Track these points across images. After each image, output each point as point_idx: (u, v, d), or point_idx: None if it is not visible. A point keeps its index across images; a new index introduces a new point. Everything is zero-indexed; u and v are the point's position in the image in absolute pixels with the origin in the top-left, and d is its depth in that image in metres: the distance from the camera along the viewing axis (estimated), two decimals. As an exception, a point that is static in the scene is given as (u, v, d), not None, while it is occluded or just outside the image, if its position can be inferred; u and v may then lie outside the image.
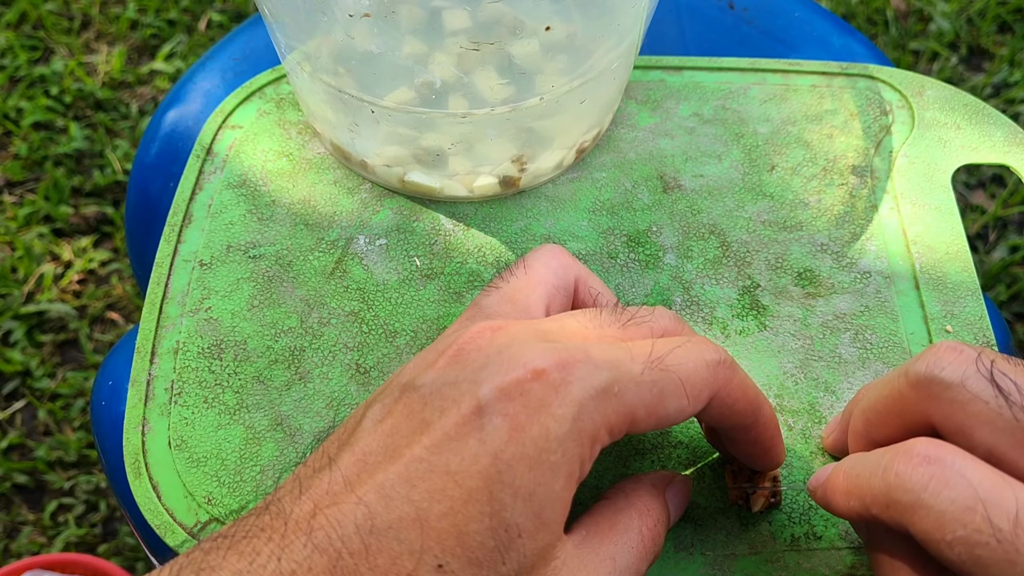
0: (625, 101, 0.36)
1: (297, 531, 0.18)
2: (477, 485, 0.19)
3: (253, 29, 0.42)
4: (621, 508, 0.23)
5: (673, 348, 0.21)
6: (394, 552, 0.18)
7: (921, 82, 0.37)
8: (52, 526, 0.72)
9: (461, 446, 0.19)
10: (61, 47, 1.00)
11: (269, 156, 0.35)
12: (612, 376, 0.20)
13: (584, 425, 0.19)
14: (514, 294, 0.24)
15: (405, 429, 0.20)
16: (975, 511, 0.17)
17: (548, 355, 0.20)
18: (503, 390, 0.19)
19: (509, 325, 0.21)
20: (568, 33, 0.29)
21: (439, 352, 0.21)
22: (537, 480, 0.19)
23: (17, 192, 0.90)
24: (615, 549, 0.22)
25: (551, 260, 0.25)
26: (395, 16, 0.27)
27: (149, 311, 0.31)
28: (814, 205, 0.34)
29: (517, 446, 0.19)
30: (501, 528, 0.19)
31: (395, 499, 0.19)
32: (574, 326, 0.22)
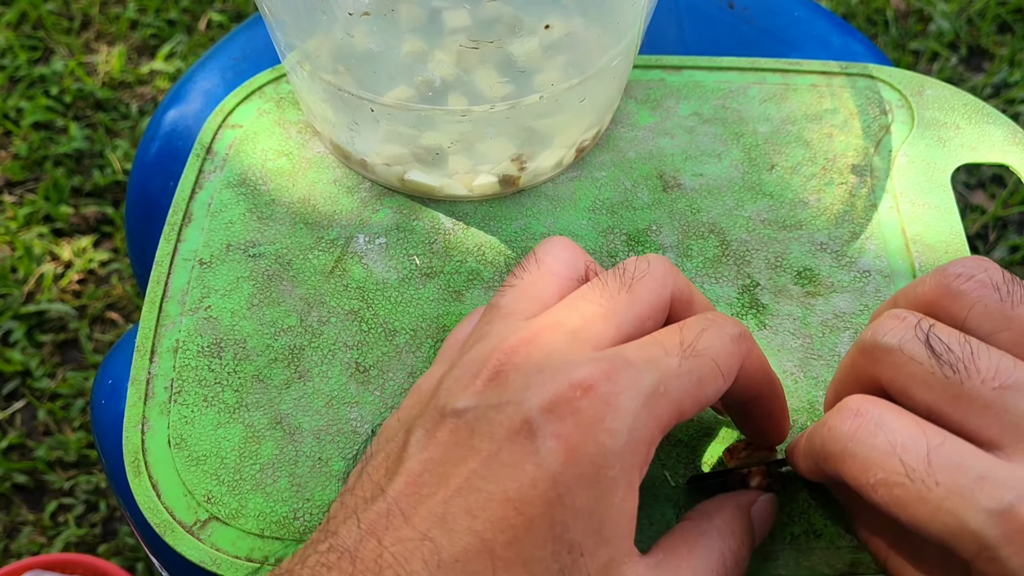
0: (625, 100, 0.37)
1: (364, 570, 0.18)
2: (539, 511, 0.19)
3: (253, 28, 0.42)
4: (703, 530, 0.22)
5: (700, 331, 0.21)
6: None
7: (921, 82, 0.37)
8: (52, 526, 0.72)
9: (517, 472, 0.19)
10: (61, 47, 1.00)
11: (269, 155, 0.35)
12: (656, 377, 0.20)
13: (640, 434, 0.20)
14: (529, 289, 0.24)
15: (455, 458, 0.20)
16: (892, 455, 0.19)
17: (591, 368, 0.20)
18: (553, 411, 0.19)
19: (539, 335, 0.21)
20: (568, 32, 0.29)
21: (474, 372, 0.21)
22: (597, 497, 0.19)
23: (17, 192, 0.90)
24: (696, 571, 0.21)
25: (561, 252, 0.24)
26: (395, 14, 0.27)
27: (149, 310, 0.31)
28: (814, 204, 0.34)
29: (574, 467, 0.19)
30: (564, 550, 0.19)
31: (458, 531, 0.19)
32: (591, 309, 0.22)
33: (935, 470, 0.18)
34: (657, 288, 0.22)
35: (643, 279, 0.22)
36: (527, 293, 0.24)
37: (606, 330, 0.21)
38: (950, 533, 0.18)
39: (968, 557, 0.18)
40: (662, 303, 0.23)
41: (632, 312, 0.22)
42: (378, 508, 0.19)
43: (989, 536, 0.17)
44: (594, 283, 0.23)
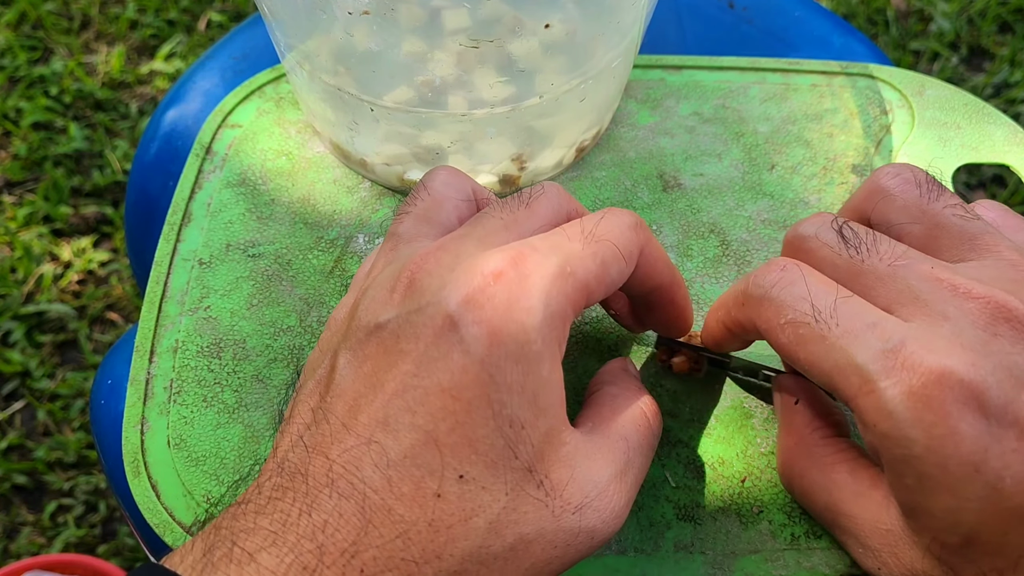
0: (625, 100, 0.36)
1: (319, 485, 0.19)
2: (474, 394, 0.20)
3: (253, 28, 0.42)
4: (617, 394, 0.24)
5: (599, 220, 0.23)
6: (416, 477, 0.19)
7: (921, 81, 0.37)
8: (51, 527, 0.72)
9: (447, 363, 0.20)
10: (61, 47, 1.00)
11: (268, 155, 0.35)
12: (561, 258, 0.21)
13: (553, 309, 0.21)
14: (426, 214, 0.25)
15: (386, 364, 0.20)
16: (806, 300, 0.22)
17: (499, 257, 0.21)
18: (470, 301, 0.20)
19: (447, 243, 0.22)
20: (568, 32, 0.29)
21: (390, 287, 0.22)
22: (525, 371, 0.20)
23: (17, 192, 0.90)
24: (624, 431, 0.23)
25: (449, 178, 0.25)
26: (394, 14, 0.27)
27: (148, 310, 0.31)
28: (814, 204, 0.34)
29: (500, 347, 0.20)
30: (505, 425, 0.20)
31: (401, 430, 0.19)
32: (493, 222, 0.23)
33: (838, 315, 0.21)
34: (554, 205, 0.24)
35: (540, 197, 0.24)
36: (424, 217, 0.24)
37: (508, 238, 0.23)
38: (838, 369, 0.20)
39: (850, 394, 0.20)
40: (558, 218, 0.24)
41: (531, 225, 0.23)
42: (320, 428, 0.20)
43: (871, 370, 0.20)
44: (494, 203, 0.24)
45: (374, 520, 0.19)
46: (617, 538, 0.26)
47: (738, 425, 0.28)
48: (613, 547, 0.26)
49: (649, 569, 0.26)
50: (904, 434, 0.20)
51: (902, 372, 0.20)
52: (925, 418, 0.19)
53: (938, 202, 0.23)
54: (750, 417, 0.29)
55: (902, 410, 0.19)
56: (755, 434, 0.28)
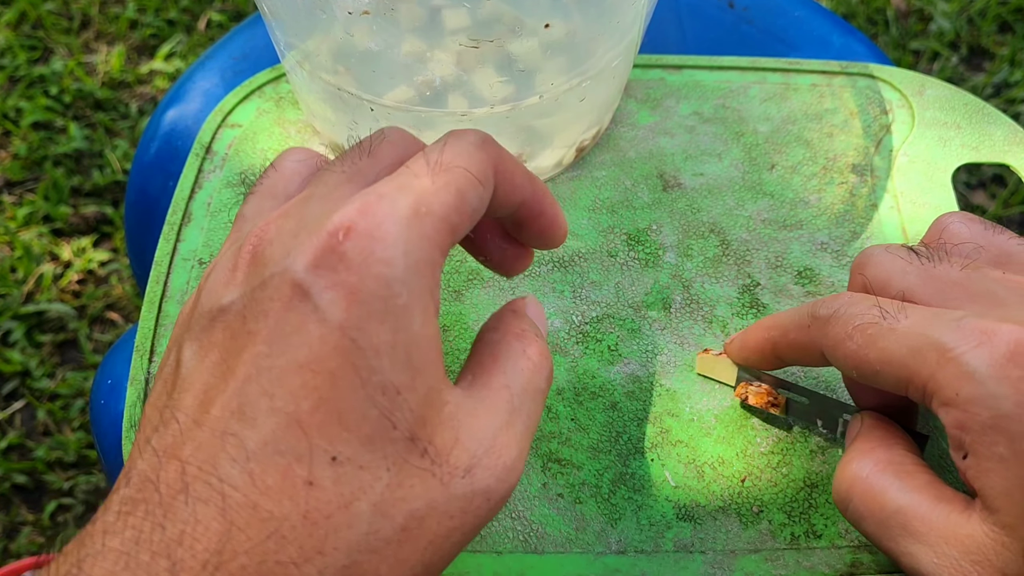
0: (625, 100, 0.36)
1: (172, 492, 0.17)
2: (337, 363, 0.17)
3: (252, 28, 0.42)
4: (496, 340, 0.22)
5: (443, 148, 0.20)
6: (281, 466, 0.17)
7: (921, 81, 0.37)
8: (51, 526, 0.72)
9: (302, 336, 0.18)
10: (60, 47, 1.00)
11: (268, 155, 0.35)
12: (413, 198, 0.19)
13: (416, 256, 0.18)
14: (272, 189, 0.23)
15: (235, 348, 0.18)
16: (873, 306, 0.22)
17: (344, 211, 0.18)
18: (320, 265, 0.18)
19: (288, 208, 0.20)
20: (568, 31, 0.29)
21: (231, 265, 0.20)
22: (394, 328, 0.18)
23: (16, 192, 0.90)
24: (506, 378, 0.21)
25: (297, 153, 0.24)
26: (394, 14, 0.27)
27: (148, 310, 0.31)
28: (814, 204, 0.34)
29: (360, 307, 0.18)
30: (378, 393, 0.18)
31: (259, 416, 0.17)
32: (334, 177, 0.21)
33: (906, 311, 0.22)
34: (398, 149, 0.22)
35: (382, 143, 0.22)
36: (270, 193, 0.23)
37: (354, 191, 0.20)
38: (913, 351, 0.21)
39: (928, 372, 0.20)
40: (406, 160, 0.22)
41: (376, 172, 0.21)
42: (169, 428, 0.18)
43: (948, 340, 0.20)
44: (335, 158, 0.22)
45: (238, 521, 0.16)
46: (617, 538, 0.26)
47: (738, 425, 0.28)
48: (613, 547, 0.26)
49: (649, 569, 0.26)
50: (990, 392, 0.19)
51: (980, 336, 0.20)
52: (1011, 373, 0.19)
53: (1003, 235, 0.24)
54: (750, 417, 0.29)
55: (984, 368, 0.19)
56: (755, 434, 0.28)
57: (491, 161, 0.21)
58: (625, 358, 0.30)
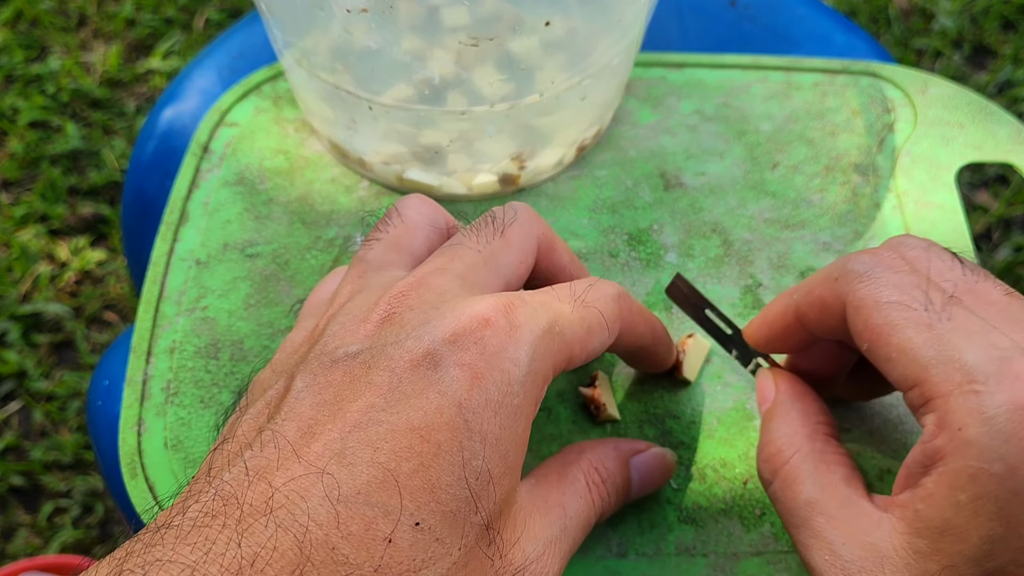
0: (626, 98, 0.36)
1: (255, 513, 0.17)
2: (445, 437, 0.18)
3: (250, 26, 0.42)
4: (571, 461, 0.23)
5: (588, 287, 0.22)
6: (367, 517, 0.17)
7: (924, 79, 0.36)
8: (48, 528, 0.72)
9: (421, 401, 0.18)
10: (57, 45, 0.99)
11: (266, 154, 0.35)
12: (552, 316, 0.21)
13: (538, 366, 0.20)
14: (397, 242, 0.24)
15: (350, 394, 0.19)
16: (918, 288, 0.20)
17: (490, 303, 0.20)
18: (455, 341, 0.19)
19: (427, 279, 0.21)
20: (568, 29, 0.28)
21: (362, 317, 0.21)
22: (503, 424, 0.19)
23: (13, 191, 0.90)
24: (564, 498, 0.22)
25: (423, 206, 0.25)
26: (393, 12, 0.27)
27: (145, 310, 0.30)
28: (817, 203, 0.33)
29: (480, 393, 0.19)
30: (472, 477, 0.18)
31: (358, 464, 0.18)
32: (471, 255, 0.22)
33: (951, 311, 0.20)
34: (526, 233, 0.24)
35: (513, 225, 0.23)
36: (395, 246, 0.24)
37: (488, 274, 0.22)
38: (939, 359, 0.19)
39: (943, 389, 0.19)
40: (531, 247, 0.24)
41: (507, 257, 0.23)
42: (266, 451, 0.18)
43: (981, 370, 0.18)
44: (468, 231, 0.23)
45: (313, 558, 0.17)
46: (619, 541, 0.26)
47: (740, 427, 0.28)
48: (615, 550, 0.26)
49: (651, 572, 0.26)
50: (992, 446, 0.18)
51: (1016, 381, 0.18)
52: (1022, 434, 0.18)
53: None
54: (752, 419, 0.28)
55: (1003, 419, 0.18)
56: (757, 436, 0.28)
57: (621, 314, 0.23)
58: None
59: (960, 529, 0.18)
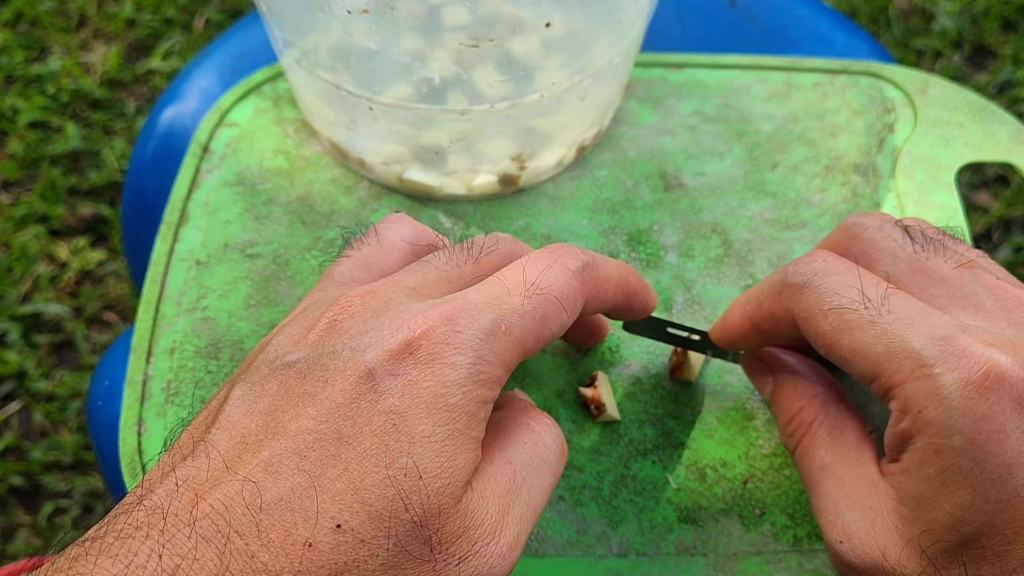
0: (626, 99, 0.36)
1: (178, 523, 0.17)
2: (371, 443, 0.18)
3: (250, 26, 0.42)
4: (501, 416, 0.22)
5: (542, 271, 0.21)
6: (287, 523, 0.17)
7: (924, 80, 0.36)
8: (48, 528, 0.72)
9: (352, 411, 0.18)
10: (57, 45, 0.99)
11: (266, 154, 0.35)
12: (497, 315, 0.20)
13: (481, 368, 0.19)
14: (368, 260, 0.23)
15: (285, 404, 0.19)
16: (853, 287, 0.21)
17: (429, 312, 0.20)
18: (391, 353, 0.19)
19: (377, 288, 0.21)
20: (569, 30, 0.28)
21: (307, 327, 0.21)
22: (436, 422, 0.19)
23: (13, 192, 0.90)
24: (507, 453, 0.21)
25: (403, 227, 0.24)
26: (393, 12, 0.27)
27: (145, 310, 0.30)
28: (817, 204, 0.33)
29: (412, 398, 0.19)
30: (400, 474, 0.18)
31: (284, 472, 0.18)
32: (434, 273, 0.22)
33: (889, 303, 0.20)
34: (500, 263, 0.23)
35: (490, 256, 0.23)
36: (364, 263, 0.23)
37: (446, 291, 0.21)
38: (888, 353, 0.20)
39: (898, 379, 0.20)
40: None
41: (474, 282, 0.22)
42: (199, 463, 0.18)
43: (928, 355, 0.19)
44: (440, 253, 0.23)
45: (232, 567, 0.17)
46: (619, 541, 0.26)
47: (740, 427, 0.28)
48: (615, 550, 0.26)
49: (651, 572, 0.26)
50: (950, 422, 0.19)
51: (961, 359, 0.19)
52: (977, 410, 0.19)
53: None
54: (752, 419, 0.28)
55: (955, 398, 0.19)
56: (757, 436, 0.28)
57: (584, 291, 0.22)
58: (627, 359, 0.30)
59: (933, 499, 0.20)
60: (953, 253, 0.22)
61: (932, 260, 0.22)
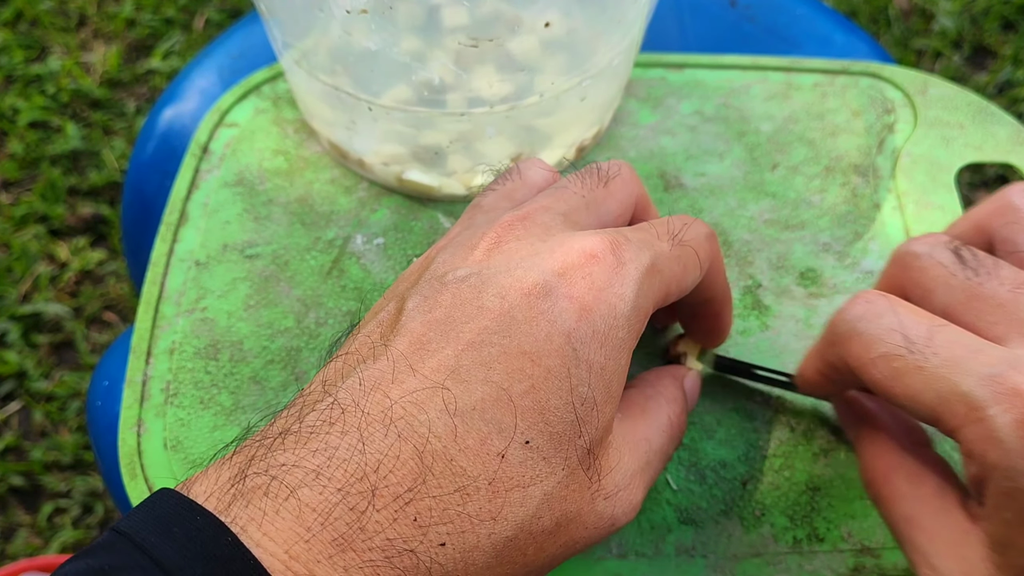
0: (626, 99, 0.36)
1: (374, 422, 0.18)
2: (555, 363, 0.19)
3: (250, 26, 0.42)
4: (650, 396, 0.24)
5: (684, 225, 0.23)
6: (483, 432, 0.18)
7: (924, 80, 0.36)
8: (48, 528, 0.72)
9: (532, 328, 0.19)
10: (57, 45, 0.99)
11: (266, 154, 0.35)
12: (653, 254, 0.21)
13: (641, 302, 0.21)
14: (511, 194, 0.24)
15: (461, 316, 0.20)
16: (896, 332, 0.20)
17: (597, 239, 0.21)
18: (564, 274, 0.20)
19: (531, 213, 0.22)
20: (568, 30, 0.28)
21: (471, 246, 0.21)
22: (607, 356, 0.20)
23: (13, 192, 0.90)
24: (649, 432, 0.23)
25: (541, 169, 0.25)
26: (393, 13, 0.27)
27: (144, 311, 0.30)
28: (816, 204, 0.33)
29: (588, 324, 0.20)
30: (579, 402, 0.19)
31: (473, 381, 0.19)
32: (574, 197, 0.23)
33: (935, 344, 0.20)
34: (628, 188, 0.24)
35: (616, 179, 0.24)
36: (509, 197, 0.24)
37: (589, 218, 0.23)
38: (941, 399, 0.19)
39: (955, 424, 0.19)
40: (631, 202, 0.24)
41: (608, 206, 0.24)
42: (379, 364, 0.19)
43: (979, 396, 0.18)
44: (573, 178, 0.24)
45: (433, 468, 0.18)
46: (618, 542, 0.26)
47: (740, 428, 0.28)
48: (614, 551, 0.26)
49: (650, 573, 0.26)
50: (1013, 464, 0.18)
51: (1013, 398, 0.18)
52: None
53: None
54: (752, 420, 0.28)
55: (1013, 439, 0.18)
56: (757, 437, 0.28)
57: (713, 254, 0.24)
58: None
59: (1018, 543, 0.19)
60: (1009, 275, 0.21)
61: (987, 285, 0.20)
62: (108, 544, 0.17)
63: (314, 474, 0.17)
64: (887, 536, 0.26)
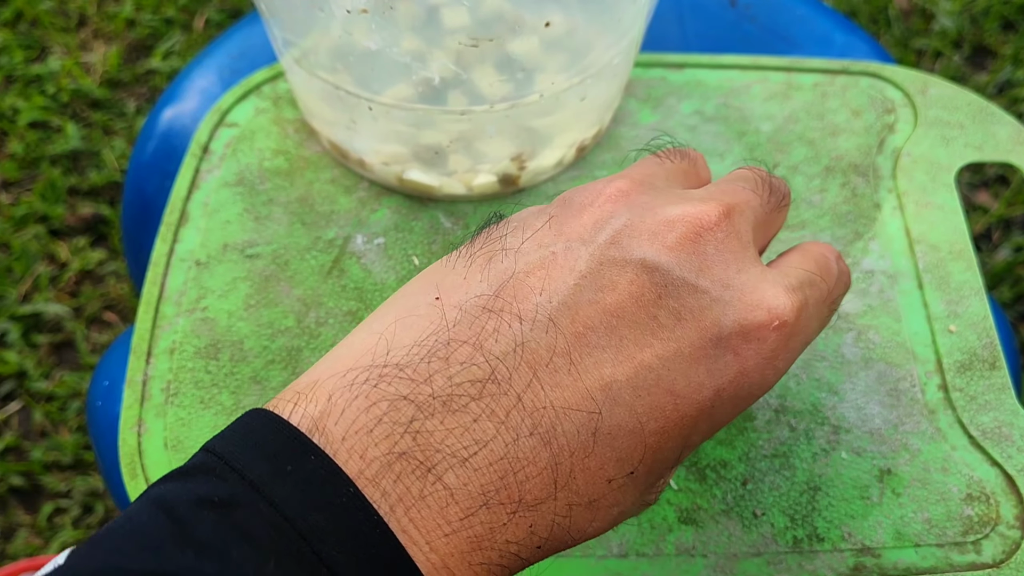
0: (626, 99, 0.36)
1: (523, 412, 0.17)
2: (691, 413, 0.19)
3: (250, 26, 0.42)
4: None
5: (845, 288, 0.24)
6: (605, 458, 0.18)
7: (924, 80, 0.36)
8: (48, 528, 0.72)
9: (690, 370, 0.19)
10: (57, 45, 0.99)
11: (266, 154, 0.35)
12: (818, 327, 0.22)
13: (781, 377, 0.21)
14: (686, 172, 0.24)
15: (633, 322, 0.19)
16: None
17: (788, 301, 0.20)
18: (744, 330, 0.19)
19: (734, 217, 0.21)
20: (569, 30, 0.28)
21: (665, 224, 0.20)
22: (732, 413, 0.20)
23: (13, 192, 0.90)
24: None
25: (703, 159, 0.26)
26: (393, 12, 0.27)
27: (145, 311, 0.30)
28: (817, 204, 0.33)
29: (737, 388, 0.20)
30: (687, 448, 0.20)
31: (620, 405, 0.18)
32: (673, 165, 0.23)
33: None
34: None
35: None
36: (683, 174, 0.24)
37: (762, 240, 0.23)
38: None
39: None
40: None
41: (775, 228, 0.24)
42: (540, 341, 0.18)
43: None
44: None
45: (558, 482, 0.18)
46: (619, 541, 0.26)
47: (739, 428, 0.28)
48: (615, 550, 0.26)
49: (651, 572, 0.26)
50: None
51: None
52: None
53: None
54: (752, 419, 0.28)
55: None
56: (757, 436, 0.28)
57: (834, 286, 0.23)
58: None
59: None
60: None
61: None
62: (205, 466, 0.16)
63: (461, 461, 0.17)
64: (887, 536, 0.26)
